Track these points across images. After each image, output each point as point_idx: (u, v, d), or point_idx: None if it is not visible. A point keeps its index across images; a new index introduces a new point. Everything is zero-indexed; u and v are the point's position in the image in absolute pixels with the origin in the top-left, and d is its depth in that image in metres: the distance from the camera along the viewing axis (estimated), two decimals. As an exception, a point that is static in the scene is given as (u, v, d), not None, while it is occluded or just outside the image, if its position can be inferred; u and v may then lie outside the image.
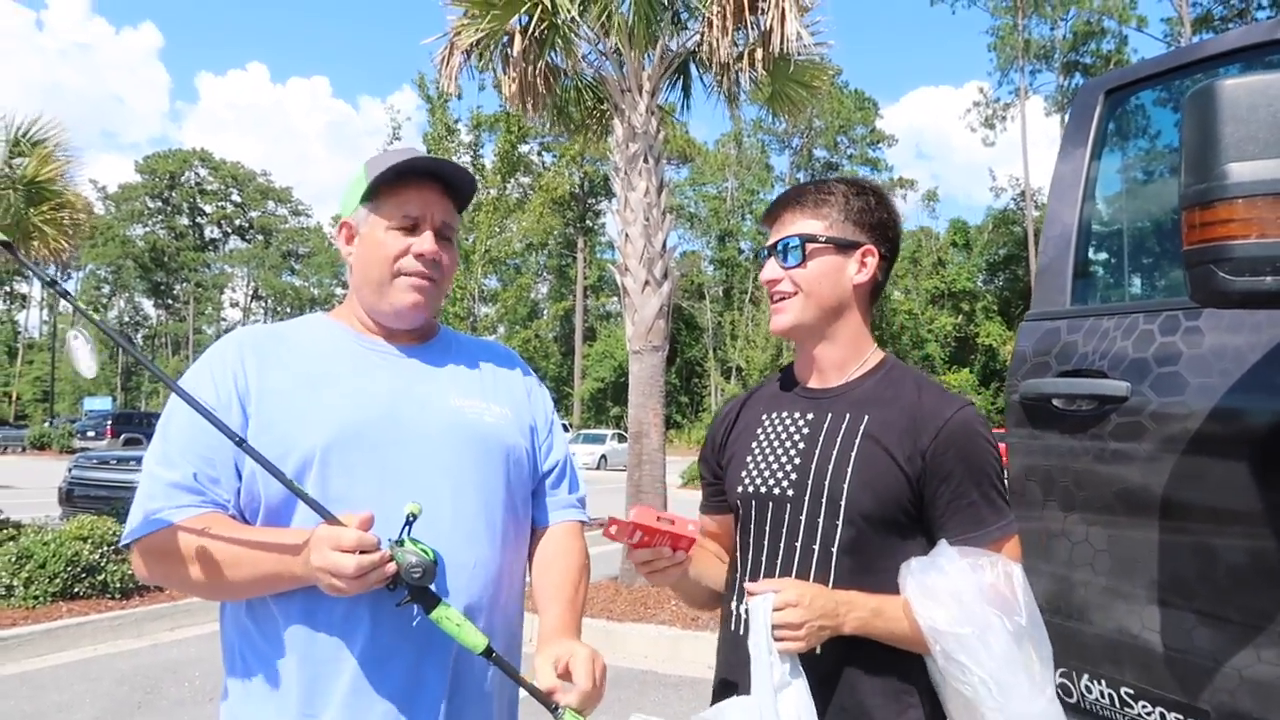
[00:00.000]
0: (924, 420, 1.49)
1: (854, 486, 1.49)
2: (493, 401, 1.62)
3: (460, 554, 1.45)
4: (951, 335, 48.62)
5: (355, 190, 1.59)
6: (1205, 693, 1.85)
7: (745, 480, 1.62)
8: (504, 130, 13.08)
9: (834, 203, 1.59)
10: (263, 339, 1.56)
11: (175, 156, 78.42)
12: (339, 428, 1.44)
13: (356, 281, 1.59)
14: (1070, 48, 49.17)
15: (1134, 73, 2.40)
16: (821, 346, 1.61)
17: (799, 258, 1.57)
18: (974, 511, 1.47)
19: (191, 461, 1.42)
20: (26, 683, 5.59)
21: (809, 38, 7.87)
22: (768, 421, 1.65)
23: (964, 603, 1.34)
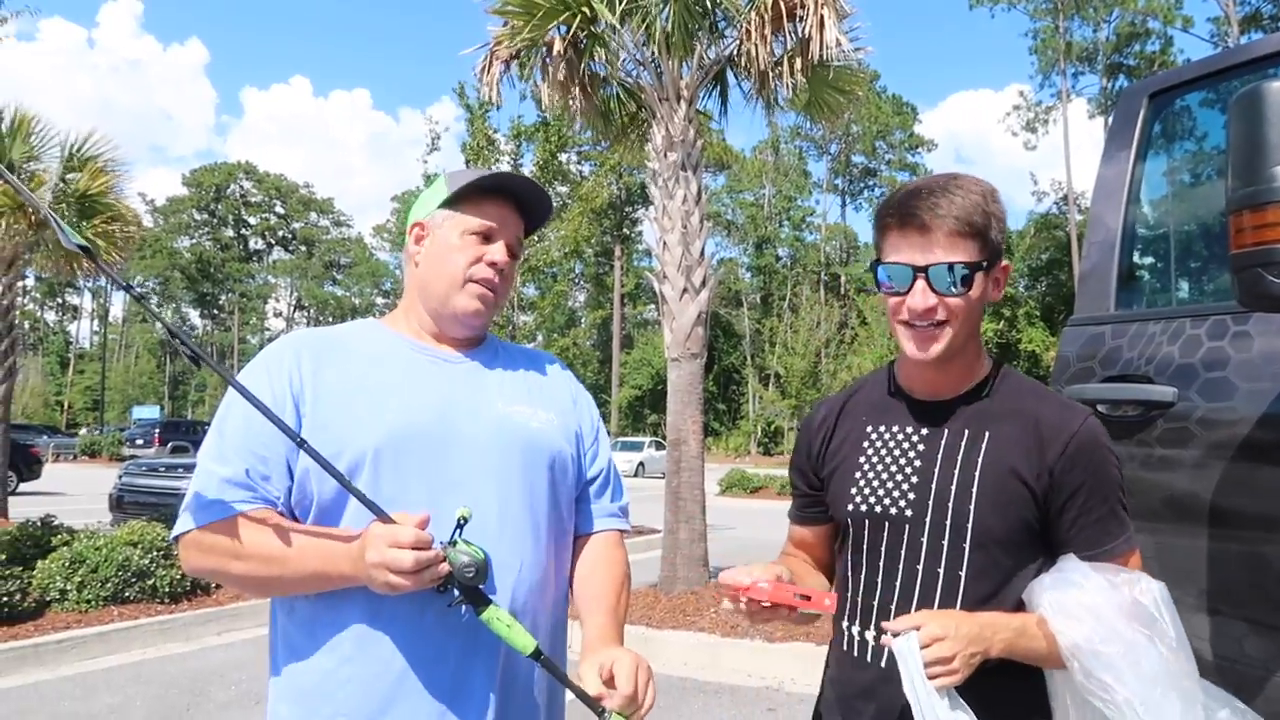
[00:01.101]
0: (1049, 435, 1.42)
1: (981, 508, 1.41)
2: (539, 407, 1.64)
3: (507, 556, 1.47)
4: (993, 341, 47.97)
5: (433, 196, 1.63)
6: (1257, 702, 1.82)
7: (856, 497, 1.53)
8: (542, 139, 13.17)
9: (985, 215, 1.42)
10: (318, 341, 1.58)
11: (220, 169, 80.00)
12: (391, 431, 1.46)
13: (422, 280, 1.61)
14: (1114, 49, 48.48)
15: (1178, 75, 2.38)
16: (951, 365, 1.49)
17: (963, 288, 1.41)
18: (1101, 526, 1.42)
19: (245, 458, 1.44)
20: (80, 684, 5.72)
21: (848, 44, 7.85)
22: (874, 434, 1.55)
23: (1103, 619, 1.31)
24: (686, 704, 5.40)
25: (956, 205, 1.39)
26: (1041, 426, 1.43)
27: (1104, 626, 1.30)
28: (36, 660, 5.99)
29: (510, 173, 1.64)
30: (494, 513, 1.49)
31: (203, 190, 78.68)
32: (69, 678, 5.86)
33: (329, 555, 1.38)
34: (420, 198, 1.69)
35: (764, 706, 5.43)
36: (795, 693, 5.72)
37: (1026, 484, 1.41)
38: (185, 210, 78.49)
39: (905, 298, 1.42)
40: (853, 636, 1.52)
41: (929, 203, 1.40)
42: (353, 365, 1.54)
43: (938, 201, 1.40)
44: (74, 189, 10.91)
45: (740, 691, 5.74)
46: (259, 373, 1.51)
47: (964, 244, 1.40)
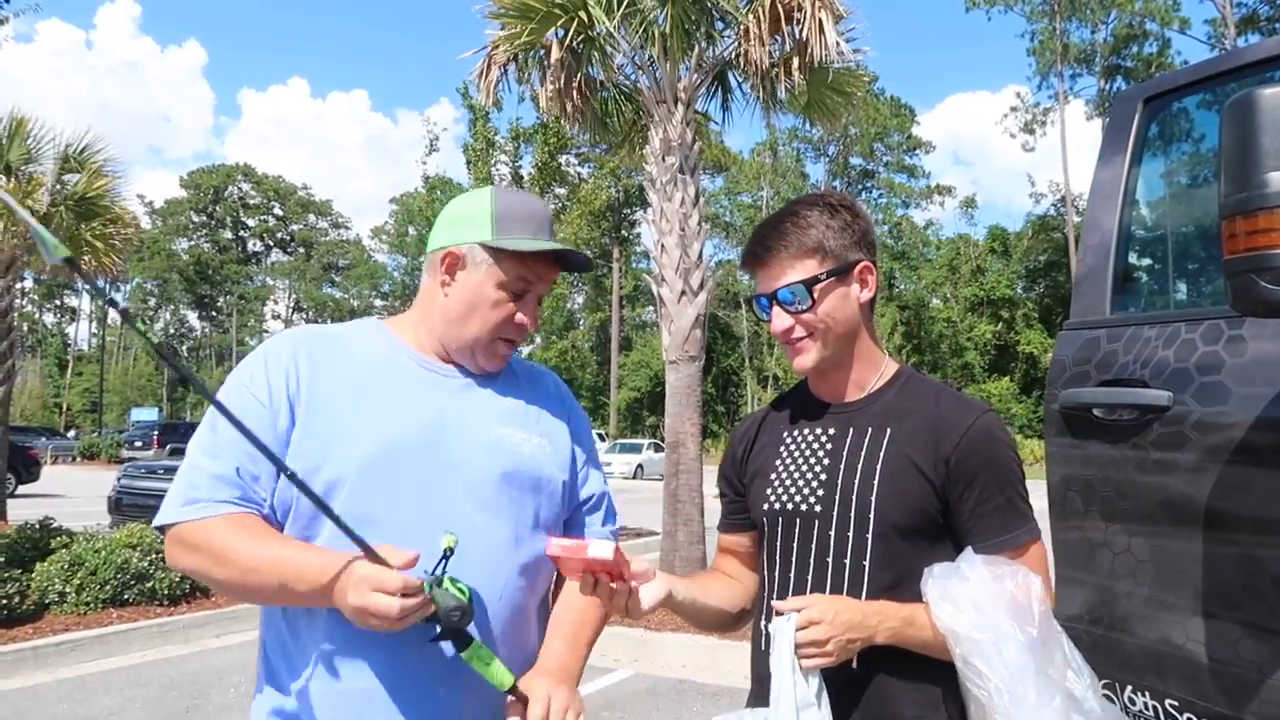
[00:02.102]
0: (945, 428, 1.51)
1: (881, 498, 1.50)
2: (533, 431, 1.61)
3: (488, 585, 1.46)
4: (991, 343, 48.01)
5: (472, 223, 1.55)
6: (1252, 705, 1.82)
7: (771, 497, 1.62)
8: (541, 142, 13.17)
9: (818, 232, 1.55)
10: (317, 340, 1.55)
11: (219, 171, 80.00)
12: (380, 446, 1.44)
13: (446, 313, 1.56)
14: (1111, 51, 48.54)
15: (1173, 80, 2.39)
16: (841, 370, 1.61)
17: (807, 301, 1.54)
18: (999, 517, 1.50)
19: (236, 456, 1.42)
20: (79, 687, 5.73)
21: (846, 46, 7.88)
22: (789, 439, 1.66)
23: (982, 610, 1.38)
24: (685, 706, 5.41)
25: (785, 236, 1.56)
26: (939, 421, 1.52)
27: (981, 616, 1.37)
28: (35, 663, 6.00)
29: (568, 249, 1.58)
30: (478, 539, 1.46)
31: (201, 192, 78.65)
32: (67, 680, 5.86)
33: (311, 577, 1.34)
34: (455, 209, 1.61)
35: (762, 709, 5.43)
36: (793, 695, 5.71)
37: (925, 475, 1.50)
38: (183, 212, 78.47)
39: (770, 321, 1.60)
40: (760, 631, 1.62)
41: (763, 242, 1.59)
42: (350, 371, 1.52)
43: (767, 235, 1.58)
44: (72, 191, 10.91)
45: (739, 693, 5.72)
46: (256, 369, 1.49)
47: (798, 265, 1.55)
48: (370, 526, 1.33)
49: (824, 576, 1.53)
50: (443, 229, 1.59)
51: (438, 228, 1.60)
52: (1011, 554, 1.48)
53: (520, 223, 1.55)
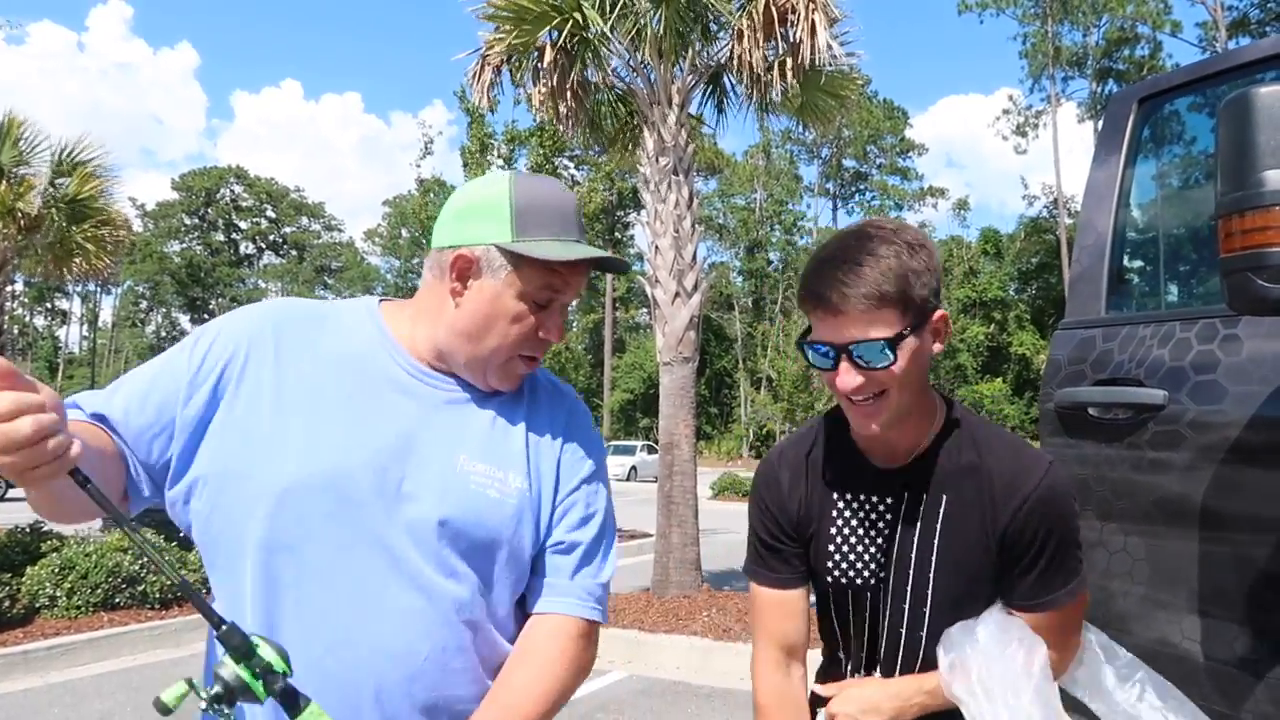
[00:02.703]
0: (1003, 494, 1.42)
1: (939, 572, 1.46)
2: (511, 469, 1.33)
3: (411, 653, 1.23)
4: (984, 345, 48.14)
5: (487, 218, 1.31)
6: (1247, 704, 1.83)
7: (833, 569, 1.53)
8: (536, 144, 13.18)
9: (901, 278, 1.32)
10: (295, 320, 1.35)
11: (211, 174, 79.78)
12: (312, 469, 1.22)
13: (455, 324, 1.32)
14: (1103, 54, 48.74)
15: (1167, 80, 2.40)
16: (902, 427, 1.45)
17: (888, 360, 1.33)
18: (1043, 579, 1.44)
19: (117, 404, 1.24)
20: (70, 691, 5.69)
21: (839, 49, 7.89)
22: (841, 503, 1.54)
23: (986, 675, 1.39)
24: (679, 708, 5.40)
25: (865, 280, 1.31)
26: (995, 484, 1.43)
27: (985, 681, 1.38)
28: (26, 667, 5.96)
29: (605, 255, 1.34)
30: (397, 590, 1.22)
31: (193, 194, 78.42)
32: (58, 684, 5.83)
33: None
34: (466, 198, 1.35)
35: (757, 710, 5.43)
36: (788, 696, 5.71)
37: (983, 545, 1.43)
38: (175, 215, 78.23)
39: (835, 375, 1.38)
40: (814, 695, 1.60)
41: (836, 279, 1.33)
42: (316, 365, 1.30)
43: (844, 278, 1.32)
44: (64, 193, 10.88)
45: (733, 695, 5.74)
46: (206, 335, 1.31)
47: (880, 316, 1.32)
48: (280, 555, 1.20)
49: (878, 645, 1.53)
50: (452, 222, 1.34)
51: (446, 219, 1.35)
52: (1057, 614, 1.45)
53: (545, 219, 1.30)
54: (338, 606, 1.21)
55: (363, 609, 1.21)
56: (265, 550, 1.21)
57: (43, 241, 10.83)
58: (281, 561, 1.21)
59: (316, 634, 1.20)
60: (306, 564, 1.21)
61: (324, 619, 1.21)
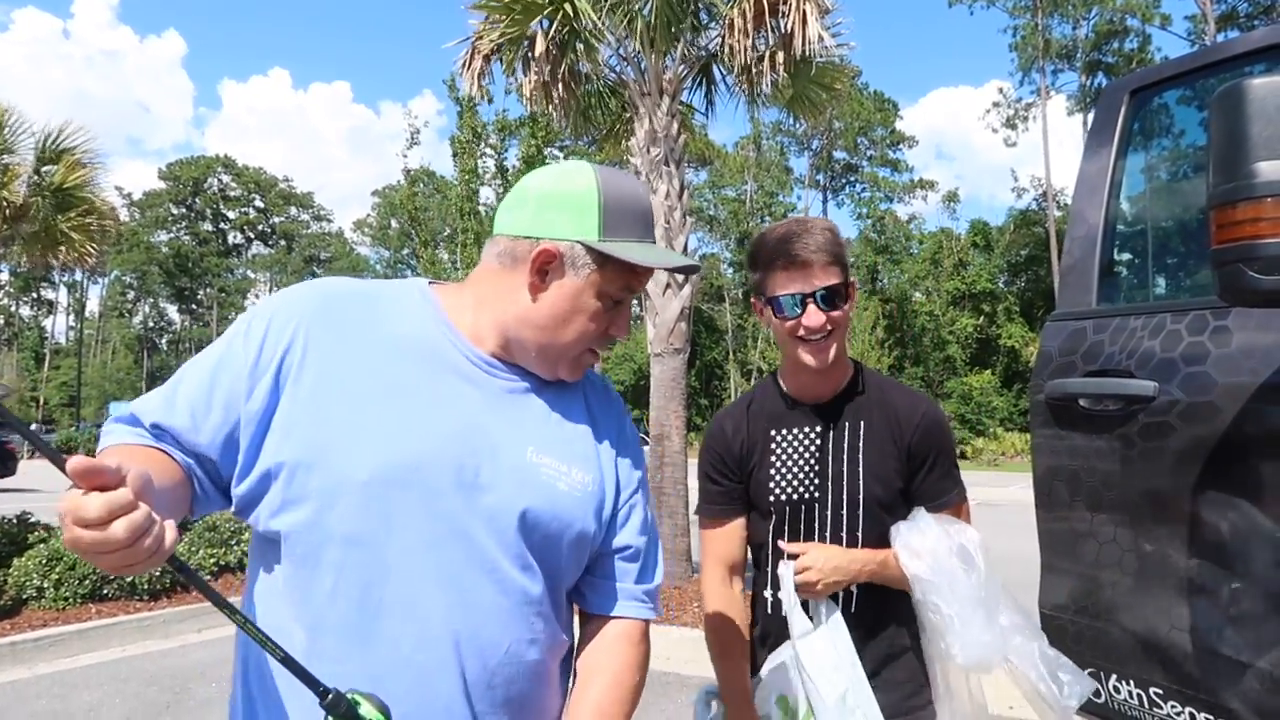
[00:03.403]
0: (903, 418, 1.88)
1: (867, 482, 1.86)
2: (576, 464, 1.33)
3: (495, 644, 1.24)
4: (973, 337, 48.23)
5: (574, 213, 1.28)
6: (1234, 692, 1.84)
7: (775, 490, 1.90)
8: (528, 134, 13.13)
9: (841, 248, 1.84)
10: (346, 301, 1.30)
11: (198, 163, 79.33)
12: (389, 459, 1.20)
13: (525, 320, 1.30)
14: (1093, 47, 48.84)
15: (1159, 72, 2.40)
16: (832, 370, 1.88)
17: (840, 303, 1.81)
18: (940, 484, 1.89)
19: (179, 410, 1.21)
20: (58, 682, 5.67)
21: (830, 40, 7.87)
22: (779, 437, 1.93)
23: (936, 556, 1.75)
24: (669, 699, 5.42)
25: (823, 243, 1.80)
26: (899, 413, 1.88)
27: (936, 562, 1.75)
28: (13, 659, 5.93)
29: (691, 264, 1.39)
30: (484, 580, 1.23)
31: (180, 184, 77.97)
32: (46, 676, 5.80)
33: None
34: (549, 187, 1.31)
35: (747, 700, 5.44)
36: (778, 686, 5.73)
37: (894, 459, 1.86)
38: (163, 204, 77.76)
39: (800, 319, 1.80)
40: (765, 598, 1.92)
41: (802, 243, 1.79)
42: (375, 348, 1.26)
43: (807, 241, 1.79)
44: (50, 182, 10.79)
45: (723, 686, 5.75)
46: (259, 320, 1.26)
47: (832, 270, 1.80)
48: (363, 549, 1.17)
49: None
50: (533, 212, 1.30)
51: (522, 204, 1.32)
52: (950, 511, 1.87)
53: (630, 220, 1.29)
54: (425, 601, 1.19)
55: (448, 603, 1.19)
56: (347, 544, 1.18)
57: (28, 230, 10.73)
58: (365, 556, 1.18)
59: (405, 630, 1.18)
60: (391, 558, 1.18)
61: (411, 614, 1.18)
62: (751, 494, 1.94)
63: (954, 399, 44.55)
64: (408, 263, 73.87)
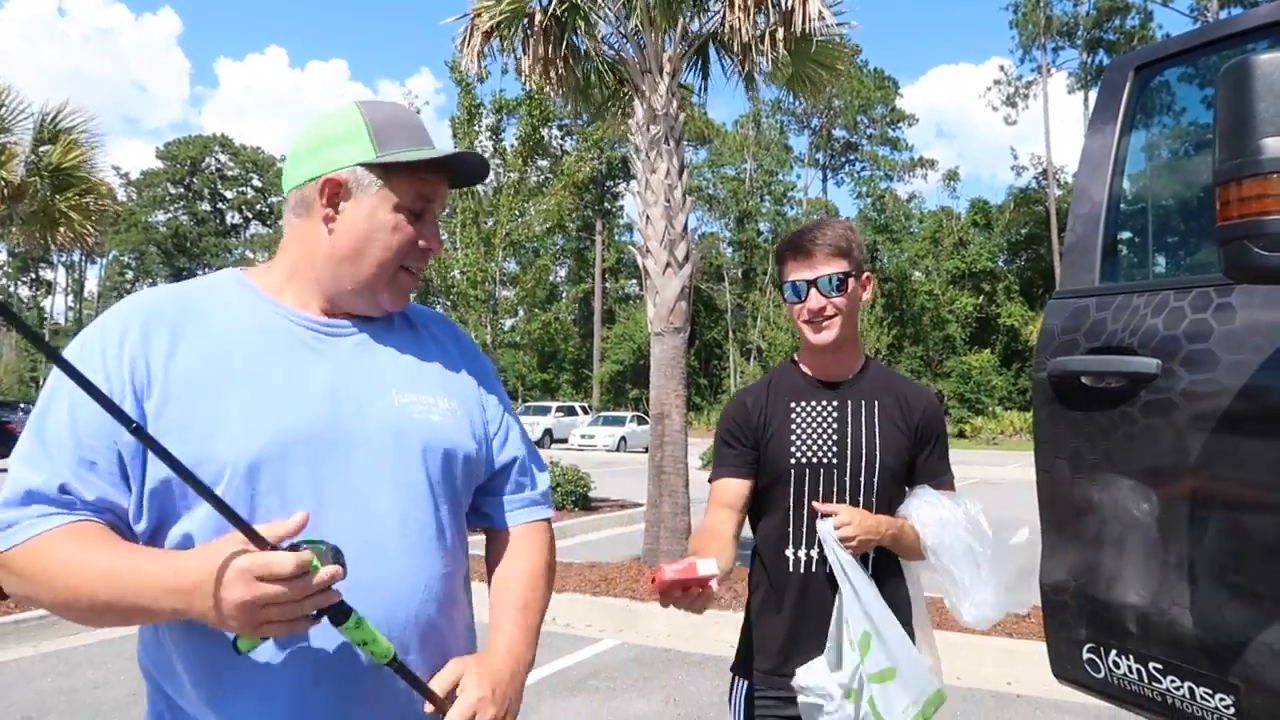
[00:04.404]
0: (911, 403, 2.17)
1: (883, 452, 2.10)
2: (440, 394, 1.41)
3: (410, 577, 1.30)
4: (972, 316, 48.22)
5: (346, 142, 1.33)
6: (1235, 667, 1.85)
7: (795, 453, 2.11)
8: (525, 113, 13.05)
9: (850, 243, 2.10)
10: (168, 310, 1.29)
11: (196, 142, 78.94)
12: (268, 437, 1.22)
13: (333, 251, 1.34)
14: (1094, 24, 48.54)
15: (1164, 49, 2.38)
16: (841, 352, 2.15)
17: (841, 290, 2.07)
18: (940, 464, 2.20)
19: (66, 464, 1.18)
20: (62, 660, 5.71)
21: (830, 17, 7.82)
22: (797, 408, 2.15)
23: (947, 525, 2.00)
24: (670, 674, 5.45)
25: (828, 235, 2.08)
26: (905, 399, 2.17)
27: (948, 531, 2.00)
28: (17, 637, 5.97)
29: (466, 151, 1.40)
30: (394, 528, 1.29)
31: (178, 163, 77.63)
32: (50, 654, 5.85)
33: (169, 581, 1.10)
34: (318, 132, 1.36)
35: (747, 677, 5.48)
36: (778, 663, 5.77)
37: (905, 436, 2.14)
38: (160, 184, 77.46)
39: (805, 303, 2.08)
40: (784, 557, 2.11)
41: (809, 236, 2.09)
42: (212, 344, 1.27)
43: (814, 235, 2.09)
44: (47, 162, 10.74)
45: (723, 662, 5.77)
46: (92, 352, 1.23)
47: (835, 261, 2.07)
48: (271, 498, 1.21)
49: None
50: (307, 156, 1.35)
51: (298, 157, 1.37)
52: (945, 489, 2.14)
53: (402, 132, 1.35)
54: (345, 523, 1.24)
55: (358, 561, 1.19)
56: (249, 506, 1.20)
57: (26, 210, 10.70)
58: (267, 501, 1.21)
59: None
60: (293, 499, 1.22)
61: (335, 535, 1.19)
62: (770, 458, 2.13)
63: (953, 378, 44.60)
64: (406, 242, 73.46)
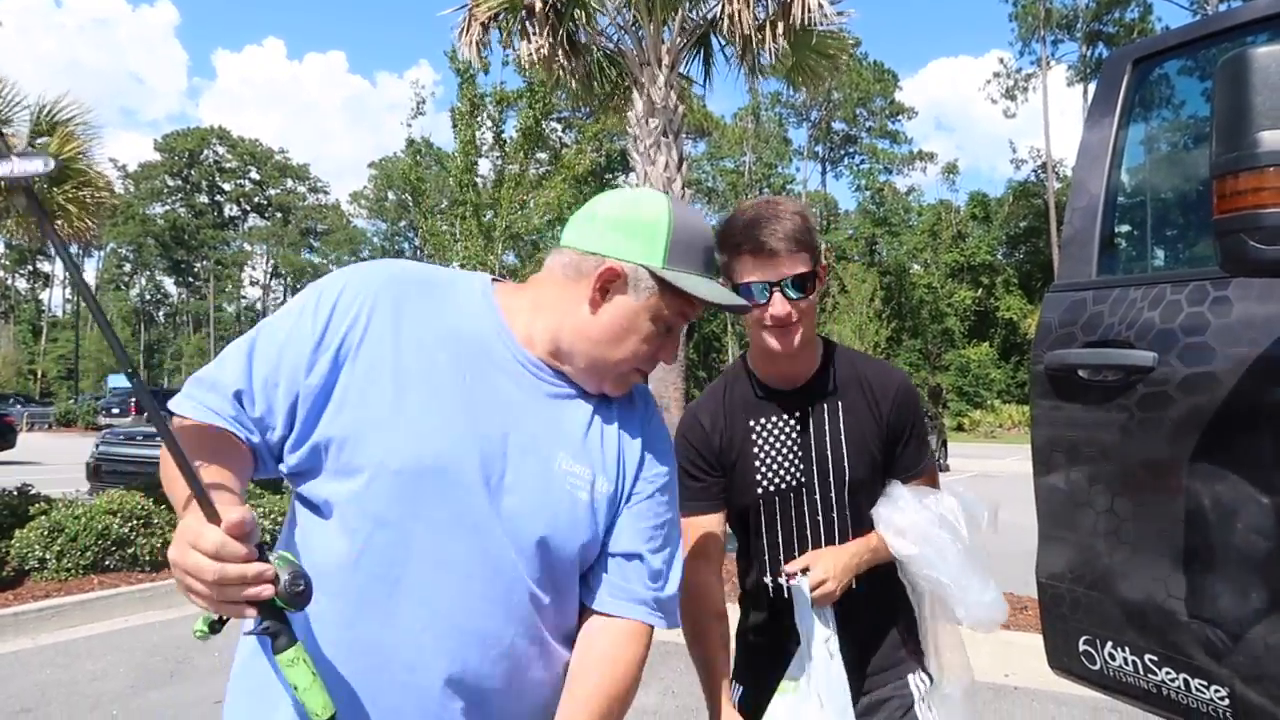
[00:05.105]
0: (878, 394, 1.90)
1: (852, 461, 1.87)
2: (602, 472, 1.36)
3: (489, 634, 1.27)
4: (971, 309, 48.26)
5: (641, 238, 1.32)
6: (1229, 660, 1.86)
7: (761, 481, 1.90)
8: (526, 105, 13.03)
9: (811, 231, 1.79)
10: (414, 287, 1.33)
11: (193, 134, 78.79)
12: (421, 453, 1.24)
13: (582, 332, 1.34)
14: (1094, 16, 48.45)
15: (1162, 41, 2.38)
16: (802, 353, 1.86)
17: (807, 291, 1.78)
18: (913, 454, 1.94)
19: (255, 378, 1.24)
20: (61, 652, 5.72)
21: (830, 8, 7.81)
22: (759, 428, 1.91)
23: (921, 530, 1.81)
24: (668, 666, 5.46)
25: (788, 227, 1.74)
26: (874, 388, 1.90)
27: (921, 536, 1.81)
28: (16, 629, 5.98)
29: (742, 304, 1.50)
30: (502, 583, 1.27)
31: (175, 156, 77.50)
32: (49, 646, 5.85)
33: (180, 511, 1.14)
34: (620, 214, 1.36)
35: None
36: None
37: (875, 435, 1.89)
38: (158, 176, 77.34)
39: (766, 308, 1.76)
40: (764, 584, 1.95)
41: (770, 230, 1.74)
42: (436, 337, 1.30)
43: (775, 229, 1.74)
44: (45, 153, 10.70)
45: (721, 655, 5.79)
46: (327, 296, 1.29)
47: (799, 257, 1.76)
48: (391, 530, 1.22)
49: (812, 534, 1.90)
50: (601, 230, 1.35)
51: (594, 225, 1.36)
52: (924, 480, 1.94)
53: (694, 254, 1.35)
54: (439, 587, 1.23)
55: (459, 592, 1.23)
56: (377, 523, 1.22)
57: (24, 202, 10.67)
58: (392, 536, 1.22)
59: (416, 611, 1.23)
60: (415, 542, 1.23)
61: (424, 597, 1.23)
62: (736, 487, 1.92)
63: (952, 371, 44.64)
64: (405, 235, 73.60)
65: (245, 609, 1.06)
